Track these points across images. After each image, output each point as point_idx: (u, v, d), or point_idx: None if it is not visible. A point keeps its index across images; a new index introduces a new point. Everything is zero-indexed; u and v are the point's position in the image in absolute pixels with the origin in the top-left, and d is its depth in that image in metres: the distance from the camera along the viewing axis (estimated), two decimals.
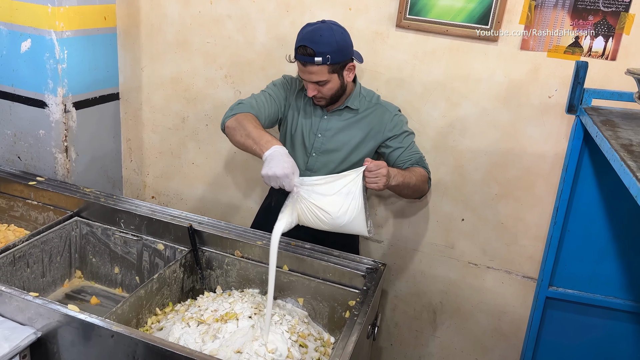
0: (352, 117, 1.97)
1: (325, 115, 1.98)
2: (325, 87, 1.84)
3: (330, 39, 1.77)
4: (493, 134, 2.08)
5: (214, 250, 2.02)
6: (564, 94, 1.93)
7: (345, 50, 1.82)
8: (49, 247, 2.09)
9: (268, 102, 1.97)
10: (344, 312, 1.88)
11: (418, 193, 1.93)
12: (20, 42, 2.23)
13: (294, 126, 2.02)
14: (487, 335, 2.34)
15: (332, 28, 1.80)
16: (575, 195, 1.74)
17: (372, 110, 1.97)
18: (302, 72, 1.84)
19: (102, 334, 1.46)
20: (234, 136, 1.83)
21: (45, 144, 2.37)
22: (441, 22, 1.99)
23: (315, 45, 1.75)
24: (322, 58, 1.75)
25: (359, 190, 1.69)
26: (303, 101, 2.02)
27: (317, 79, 1.81)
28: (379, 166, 1.68)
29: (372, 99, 1.99)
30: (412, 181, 1.83)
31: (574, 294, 1.85)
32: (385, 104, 2.00)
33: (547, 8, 1.87)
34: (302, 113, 2.01)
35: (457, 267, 2.29)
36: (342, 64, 1.82)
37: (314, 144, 1.99)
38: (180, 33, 2.39)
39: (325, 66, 1.78)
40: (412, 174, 1.85)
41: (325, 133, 1.97)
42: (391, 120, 1.95)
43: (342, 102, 1.96)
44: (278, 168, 1.62)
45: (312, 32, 1.78)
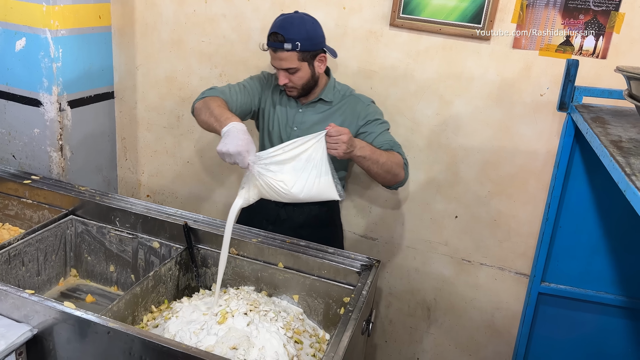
0: (327, 109, 1.99)
1: (300, 109, 2.01)
2: (296, 76, 1.87)
3: (300, 27, 1.82)
4: (486, 132, 2.10)
5: (209, 248, 2.02)
6: (555, 92, 1.95)
7: (315, 39, 1.86)
8: (44, 245, 2.09)
9: (241, 92, 2.00)
10: (338, 308, 1.89)
11: (390, 176, 1.86)
12: (14, 41, 2.23)
13: (270, 120, 2.05)
14: (480, 332, 2.36)
15: (303, 17, 1.86)
16: (566, 191, 1.76)
17: (346, 102, 1.99)
18: (273, 60, 1.87)
19: (98, 330, 1.47)
20: (200, 116, 1.85)
21: (40, 143, 2.37)
22: (434, 21, 2.00)
23: (285, 31, 1.80)
24: (291, 44, 1.80)
25: (321, 155, 1.66)
26: (279, 96, 2.05)
27: (286, 65, 1.84)
28: (340, 132, 1.64)
29: (345, 92, 2.02)
30: (382, 159, 1.80)
31: (566, 289, 1.87)
32: (358, 95, 2.03)
33: (538, 7, 1.89)
34: (278, 107, 2.04)
35: (451, 264, 2.31)
36: (312, 53, 1.86)
37: (290, 137, 2.00)
38: (175, 32, 2.39)
39: (295, 53, 1.82)
40: (383, 152, 1.83)
41: (301, 126, 2.00)
42: (364, 109, 1.97)
43: (316, 95, 1.99)
44: (232, 145, 1.58)
45: (283, 21, 1.84)
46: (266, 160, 1.64)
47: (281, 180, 1.65)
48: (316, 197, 1.72)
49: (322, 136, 1.66)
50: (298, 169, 1.65)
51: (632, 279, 1.84)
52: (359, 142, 1.76)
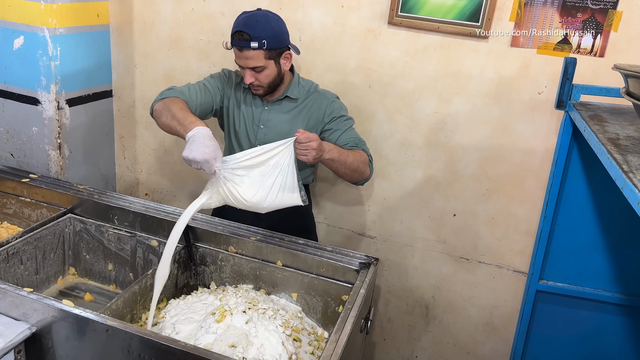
0: (293, 106, 1.99)
1: (265, 106, 2.00)
2: (262, 74, 1.86)
3: (265, 25, 1.80)
4: (484, 130, 2.10)
5: (207, 247, 2.02)
6: (553, 90, 1.95)
7: (280, 37, 1.85)
8: (42, 244, 2.09)
9: (201, 91, 1.98)
10: (337, 306, 1.89)
11: (357, 174, 1.89)
12: (12, 39, 2.23)
13: (235, 119, 2.04)
14: (478, 330, 2.36)
15: (267, 15, 1.84)
16: (564, 189, 1.77)
17: (311, 99, 1.99)
18: (238, 59, 1.85)
19: (96, 328, 1.47)
20: (160, 118, 1.83)
21: (39, 141, 2.37)
22: (433, 19, 2.01)
23: (251, 29, 1.77)
24: (257, 43, 1.78)
25: (289, 162, 1.65)
26: (243, 94, 2.03)
27: (253, 64, 1.82)
28: (309, 139, 1.65)
29: (310, 88, 2.02)
30: (349, 159, 1.82)
31: (564, 287, 1.88)
32: (323, 91, 2.03)
33: (536, 5, 1.90)
34: (243, 105, 2.03)
35: (449, 262, 2.31)
36: (278, 50, 1.85)
37: (257, 135, 2.01)
38: (173, 30, 2.39)
39: (262, 51, 1.80)
40: (350, 152, 1.85)
41: (267, 124, 2.00)
42: (329, 106, 1.97)
43: (281, 92, 1.98)
44: (198, 152, 1.56)
45: (248, 18, 1.81)
46: (233, 165, 1.63)
47: (246, 191, 1.64)
48: (280, 205, 1.72)
49: (290, 143, 1.65)
50: (265, 175, 1.65)
51: (630, 277, 1.85)
52: (326, 144, 1.77)
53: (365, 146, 1.97)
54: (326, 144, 1.78)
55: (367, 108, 2.20)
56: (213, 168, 1.59)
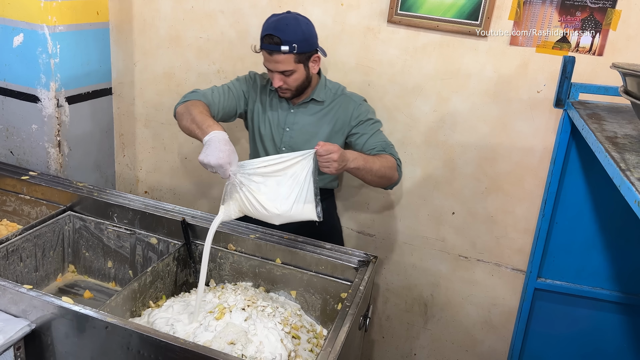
0: (319, 109, 1.98)
1: (291, 109, 1.99)
2: (291, 78, 1.85)
3: (296, 28, 1.78)
4: (483, 129, 2.10)
5: None
6: (552, 88, 1.96)
7: (310, 40, 1.84)
8: (42, 241, 2.09)
9: (225, 94, 1.97)
10: (336, 304, 1.90)
11: (385, 180, 1.85)
12: (12, 37, 2.23)
13: (261, 122, 2.03)
14: (477, 327, 2.37)
15: (297, 18, 1.82)
16: (563, 188, 1.77)
17: (338, 102, 1.98)
18: (267, 62, 1.84)
19: (96, 325, 1.47)
20: (181, 121, 1.84)
21: (38, 139, 2.37)
22: (432, 17, 2.01)
23: (282, 33, 1.76)
24: (288, 47, 1.76)
25: (307, 174, 1.63)
26: (269, 97, 2.02)
27: (283, 68, 1.81)
28: (330, 150, 1.61)
29: (337, 91, 2.00)
30: (376, 166, 1.79)
31: (562, 285, 1.88)
32: (350, 94, 2.01)
33: (535, 4, 1.90)
34: (269, 108, 2.02)
35: (448, 260, 2.32)
36: (307, 54, 1.84)
37: (283, 138, 2.00)
38: (172, 28, 2.39)
39: (292, 55, 1.79)
40: (376, 159, 1.82)
41: (293, 127, 1.98)
42: (356, 109, 1.96)
43: (307, 95, 1.97)
44: (213, 157, 1.57)
45: (278, 22, 1.79)
46: (249, 170, 1.62)
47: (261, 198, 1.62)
48: (295, 217, 1.69)
49: (310, 155, 1.62)
50: (281, 184, 1.62)
51: (628, 275, 1.86)
52: (350, 153, 1.73)
53: (394, 150, 1.93)
54: (350, 152, 1.73)
55: None
56: (227, 172, 1.59)
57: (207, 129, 1.66)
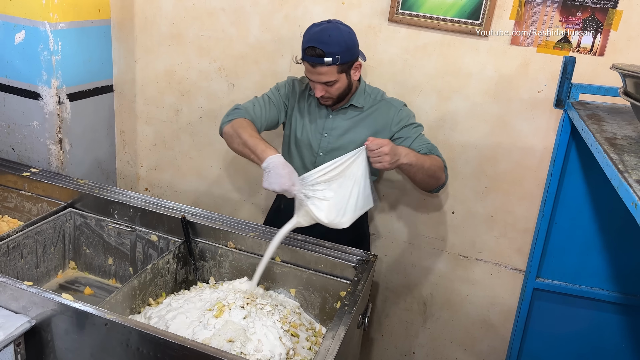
0: (358, 115, 1.95)
1: (330, 115, 1.97)
2: (334, 87, 1.83)
3: (339, 39, 1.75)
4: (483, 128, 2.10)
5: (207, 242, 2.03)
6: (552, 88, 1.95)
7: (353, 49, 1.81)
8: (42, 237, 2.10)
9: (266, 106, 1.97)
10: (335, 302, 1.90)
11: (434, 180, 1.85)
12: (14, 34, 2.23)
13: (299, 127, 2.01)
14: (476, 327, 2.37)
15: (339, 28, 1.78)
16: (562, 188, 1.77)
17: (377, 107, 1.95)
18: (310, 74, 1.82)
19: (95, 322, 1.48)
20: (232, 144, 1.88)
21: (39, 136, 2.37)
22: (433, 17, 2.01)
23: (325, 45, 1.73)
24: (331, 58, 1.74)
25: (363, 171, 1.69)
26: (307, 102, 2.00)
27: (326, 79, 1.79)
28: (380, 144, 1.64)
29: (377, 96, 1.97)
30: (427, 164, 1.78)
31: (561, 285, 1.89)
32: (390, 99, 1.98)
33: (536, 4, 1.90)
34: (307, 113, 2.00)
35: (448, 260, 2.32)
36: (349, 63, 1.81)
37: (321, 144, 1.98)
38: (174, 26, 2.40)
39: (335, 66, 1.76)
40: (426, 157, 1.81)
41: (331, 132, 1.96)
42: (397, 114, 1.93)
43: (347, 101, 1.94)
44: (276, 184, 1.66)
45: (321, 33, 1.75)
46: (311, 181, 1.68)
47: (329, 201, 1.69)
48: (358, 214, 1.77)
49: (361, 152, 1.68)
50: (343, 186, 1.69)
51: (626, 276, 1.86)
52: (402, 149, 1.73)
53: (439, 152, 1.91)
54: (402, 148, 1.73)
55: None
56: (293, 192, 1.67)
57: (262, 154, 1.71)
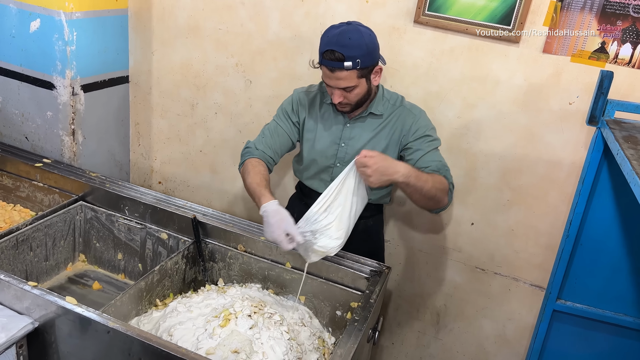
0: (377, 123, 1.85)
1: (347, 123, 1.86)
2: (353, 93, 1.72)
3: (359, 42, 1.64)
4: (509, 138, 2.01)
5: (217, 243, 2.00)
6: (585, 100, 1.85)
7: (374, 53, 1.69)
8: (52, 230, 2.08)
9: (274, 135, 1.91)
10: (345, 313, 1.85)
11: (433, 202, 1.74)
12: (29, 22, 2.19)
13: (314, 137, 1.91)
14: (490, 341, 2.30)
15: (359, 30, 1.66)
16: (590, 208, 1.67)
17: (396, 114, 1.84)
18: (328, 79, 1.70)
19: (98, 328, 1.45)
20: (244, 183, 1.86)
21: (53, 126, 2.34)
22: (461, 20, 1.90)
23: (345, 49, 1.61)
24: (352, 62, 1.62)
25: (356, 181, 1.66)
26: (320, 110, 1.90)
27: (345, 84, 1.68)
28: (364, 163, 1.57)
29: (395, 102, 1.86)
30: (427, 186, 1.66)
31: (583, 308, 1.80)
32: (409, 106, 1.87)
33: (573, 10, 1.78)
34: (321, 122, 1.89)
35: (464, 271, 2.25)
36: (370, 67, 1.70)
37: (338, 154, 1.88)
38: (192, 18, 2.33)
39: (355, 71, 1.65)
40: (429, 178, 1.69)
41: (349, 142, 1.86)
42: (415, 123, 1.82)
43: (365, 108, 1.83)
44: (268, 234, 1.65)
45: (340, 35, 1.64)
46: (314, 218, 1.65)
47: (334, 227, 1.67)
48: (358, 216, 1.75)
49: (351, 170, 1.65)
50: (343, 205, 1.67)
51: None
52: (403, 167, 1.62)
53: (449, 172, 1.79)
54: (402, 166, 1.63)
55: None
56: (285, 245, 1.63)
57: (258, 202, 1.71)
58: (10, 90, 2.36)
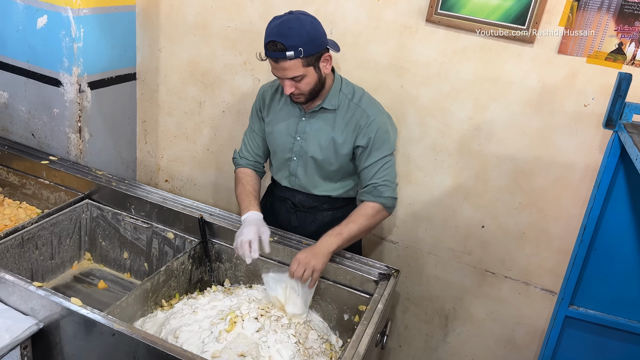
0: (331, 117, 1.84)
1: (303, 117, 1.86)
2: (303, 82, 1.71)
3: (300, 30, 1.63)
4: (521, 140, 1.97)
5: (224, 243, 1.98)
6: (601, 103, 1.81)
7: (317, 40, 1.68)
8: (58, 229, 2.07)
9: (252, 138, 2.01)
10: (353, 315, 1.83)
11: (373, 229, 1.87)
12: (36, 18, 2.17)
13: (273, 130, 1.92)
14: (499, 345, 2.27)
15: (300, 19, 1.66)
16: (605, 214, 1.63)
17: (351, 111, 1.82)
18: (275, 70, 1.71)
19: (103, 331, 1.43)
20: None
21: (59, 123, 2.32)
22: (474, 19, 1.86)
23: (285, 38, 1.62)
24: (293, 52, 1.63)
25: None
26: (278, 104, 1.91)
27: (292, 74, 1.68)
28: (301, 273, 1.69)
29: (353, 97, 1.83)
30: (355, 231, 1.78)
31: (596, 315, 1.76)
32: (366, 105, 1.82)
33: (590, 10, 1.74)
34: (280, 117, 1.90)
35: (473, 275, 2.21)
36: (316, 55, 1.69)
37: (294, 148, 1.89)
38: (200, 15, 2.30)
39: (299, 60, 1.65)
40: (355, 219, 1.78)
41: (304, 135, 1.86)
42: (367, 127, 1.79)
43: (320, 100, 1.83)
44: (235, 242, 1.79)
45: (280, 26, 1.64)
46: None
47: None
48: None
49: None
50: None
51: None
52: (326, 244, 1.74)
53: (386, 189, 1.80)
54: (328, 242, 1.74)
55: (398, 109, 2.08)
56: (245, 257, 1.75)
57: (241, 213, 1.87)
58: (17, 87, 2.34)
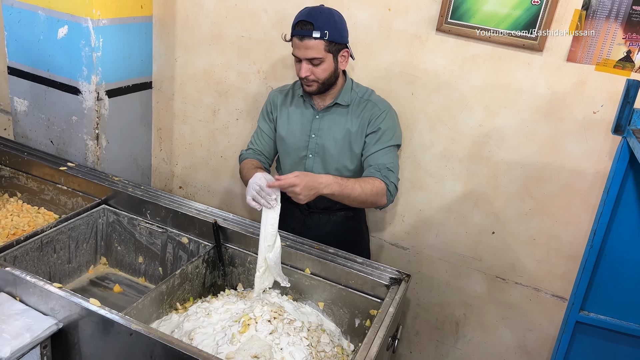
0: (344, 113, 1.93)
1: (317, 115, 1.95)
2: (320, 68, 1.80)
3: (329, 17, 1.77)
4: (531, 147, 1.99)
5: (237, 248, 2.01)
6: (610, 110, 1.83)
7: (342, 32, 1.80)
8: (76, 233, 2.11)
9: (260, 138, 2.07)
10: (364, 320, 1.85)
11: (366, 205, 1.87)
12: (57, 28, 2.24)
13: (286, 131, 2.00)
14: (510, 352, 2.27)
15: (331, 10, 1.80)
16: (615, 219, 1.65)
17: (362, 106, 1.92)
18: (297, 49, 1.80)
19: (121, 330, 1.47)
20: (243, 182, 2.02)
21: (77, 130, 2.38)
22: (484, 28, 1.90)
23: (315, 19, 1.74)
24: (320, 32, 1.74)
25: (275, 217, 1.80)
26: (290, 106, 1.99)
27: (312, 54, 1.77)
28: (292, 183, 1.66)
29: (364, 95, 1.94)
30: (355, 192, 1.78)
31: (607, 320, 1.77)
32: (376, 100, 1.94)
33: (598, 19, 1.77)
34: (293, 116, 1.99)
35: (484, 281, 2.22)
36: (338, 46, 1.80)
37: (309, 145, 1.97)
38: (215, 25, 2.36)
39: (323, 42, 1.76)
40: (357, 184, 1.79)
41: (319, 132, 1.95)
42: (377, 117, 1.89)
43: (332, 98, 1.92)
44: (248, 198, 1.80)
45: (311, 10, 1.78)
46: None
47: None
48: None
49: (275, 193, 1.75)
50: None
51: None
52: (325, 178, 1.73)
53: (391, 173, 1.86)
54: (324, 177, 1.74)
55: (409, 116, 2.12)
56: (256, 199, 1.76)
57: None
58: (37, 95, 2.41)
